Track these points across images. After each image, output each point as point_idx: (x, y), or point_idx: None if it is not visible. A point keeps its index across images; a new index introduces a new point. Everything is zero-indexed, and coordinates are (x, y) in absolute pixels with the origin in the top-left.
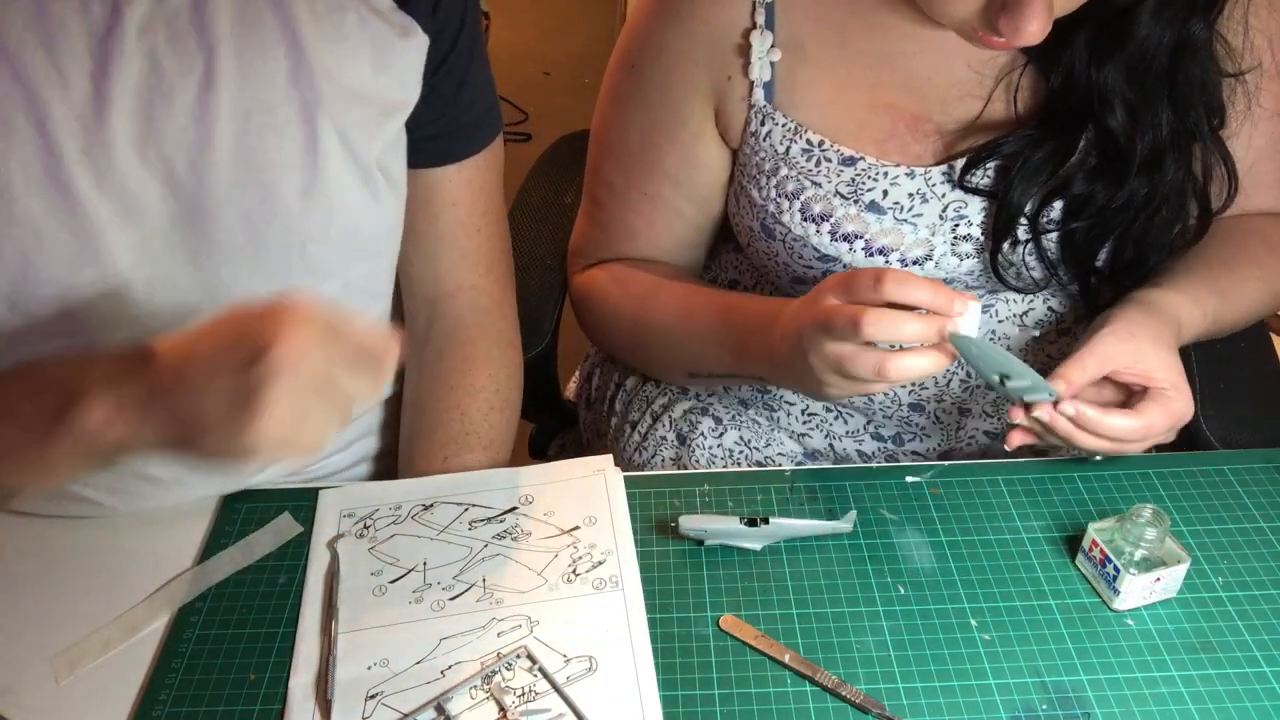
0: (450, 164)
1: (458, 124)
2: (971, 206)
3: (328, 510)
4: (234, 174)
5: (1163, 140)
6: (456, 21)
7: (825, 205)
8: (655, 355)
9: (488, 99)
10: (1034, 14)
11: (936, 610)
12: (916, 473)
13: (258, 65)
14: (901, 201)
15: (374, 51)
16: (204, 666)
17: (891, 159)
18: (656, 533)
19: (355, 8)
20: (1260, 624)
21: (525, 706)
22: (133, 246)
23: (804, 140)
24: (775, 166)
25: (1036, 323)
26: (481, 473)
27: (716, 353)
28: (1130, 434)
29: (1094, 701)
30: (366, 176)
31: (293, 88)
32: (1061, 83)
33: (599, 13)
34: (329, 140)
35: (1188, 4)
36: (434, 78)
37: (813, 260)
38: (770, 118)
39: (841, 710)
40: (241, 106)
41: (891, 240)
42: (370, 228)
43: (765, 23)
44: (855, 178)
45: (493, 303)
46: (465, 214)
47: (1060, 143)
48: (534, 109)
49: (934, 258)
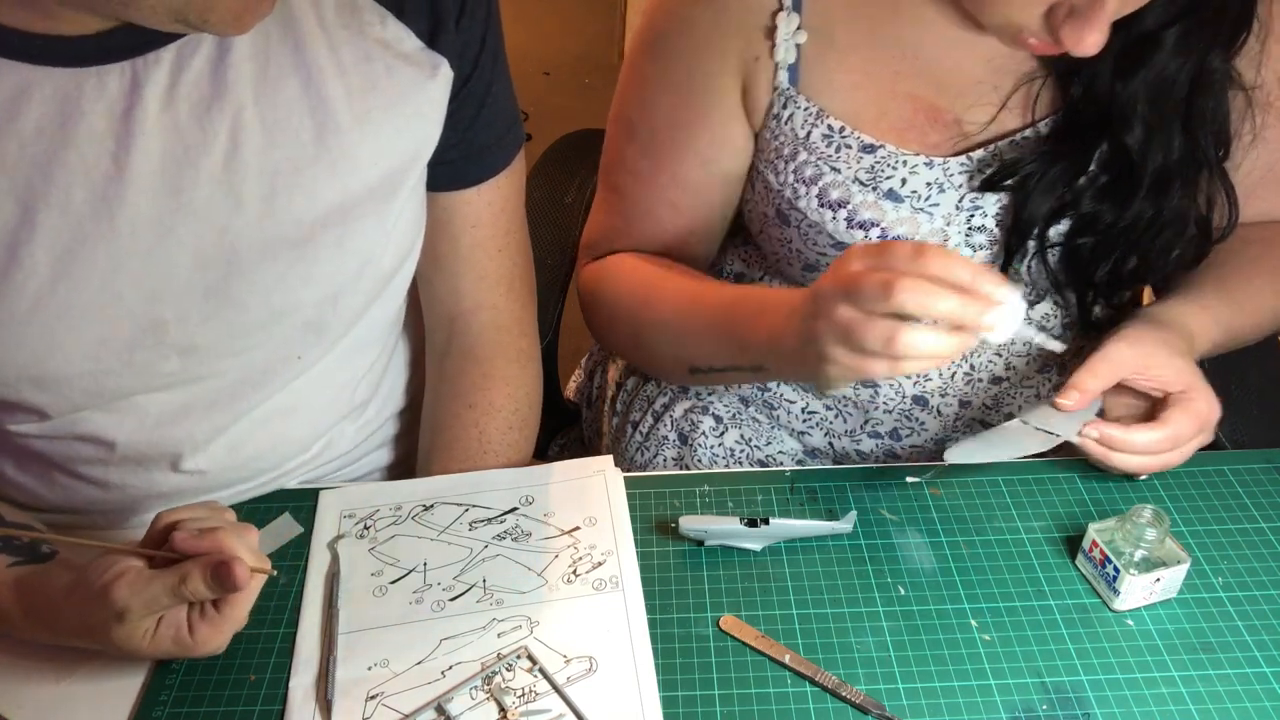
0: (470, 187)
1: (477, 146)
2: (987, 198)
3: (328, 511)
4: (265, 237)
5: (1172, 164)
6: (477, 43)
7: (843, 192)
8: (657, 348)
9: (508, 116)
10: (1099, 26)
11: (936, 610)
12: (916, 473)
13: (283, 127)
14: (919, 190)
15: (403, 100)
16: (204, 666)
17: (910, 148)
18: (656, 533)
19: (382, 56)
20: (1260, 624)
21: (525, 707)
22: (163, 324)
23: (825, 125)
24: (794, 151)
25: (1043, 315)
26: (482, 473)
27: (717, 343)
28: (1158, 444)
29: (1094, 702)
30: (395, 219)
31: (320, 148)
32: (1082, 94)
33: (599, 13)
34: (359, 195)
35: (1210, 35)
36: (453, 103)
37: (827, 247)
38: (793, 100)
39: (841, 710)
40: (269, 170)
41: (907, 229)
42: (392, 263)
43: (793, 4)
44: (875, 165)
45: (513, 320)
46: (486, 235)
47: (1074, 159)
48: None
49: (948, 248)
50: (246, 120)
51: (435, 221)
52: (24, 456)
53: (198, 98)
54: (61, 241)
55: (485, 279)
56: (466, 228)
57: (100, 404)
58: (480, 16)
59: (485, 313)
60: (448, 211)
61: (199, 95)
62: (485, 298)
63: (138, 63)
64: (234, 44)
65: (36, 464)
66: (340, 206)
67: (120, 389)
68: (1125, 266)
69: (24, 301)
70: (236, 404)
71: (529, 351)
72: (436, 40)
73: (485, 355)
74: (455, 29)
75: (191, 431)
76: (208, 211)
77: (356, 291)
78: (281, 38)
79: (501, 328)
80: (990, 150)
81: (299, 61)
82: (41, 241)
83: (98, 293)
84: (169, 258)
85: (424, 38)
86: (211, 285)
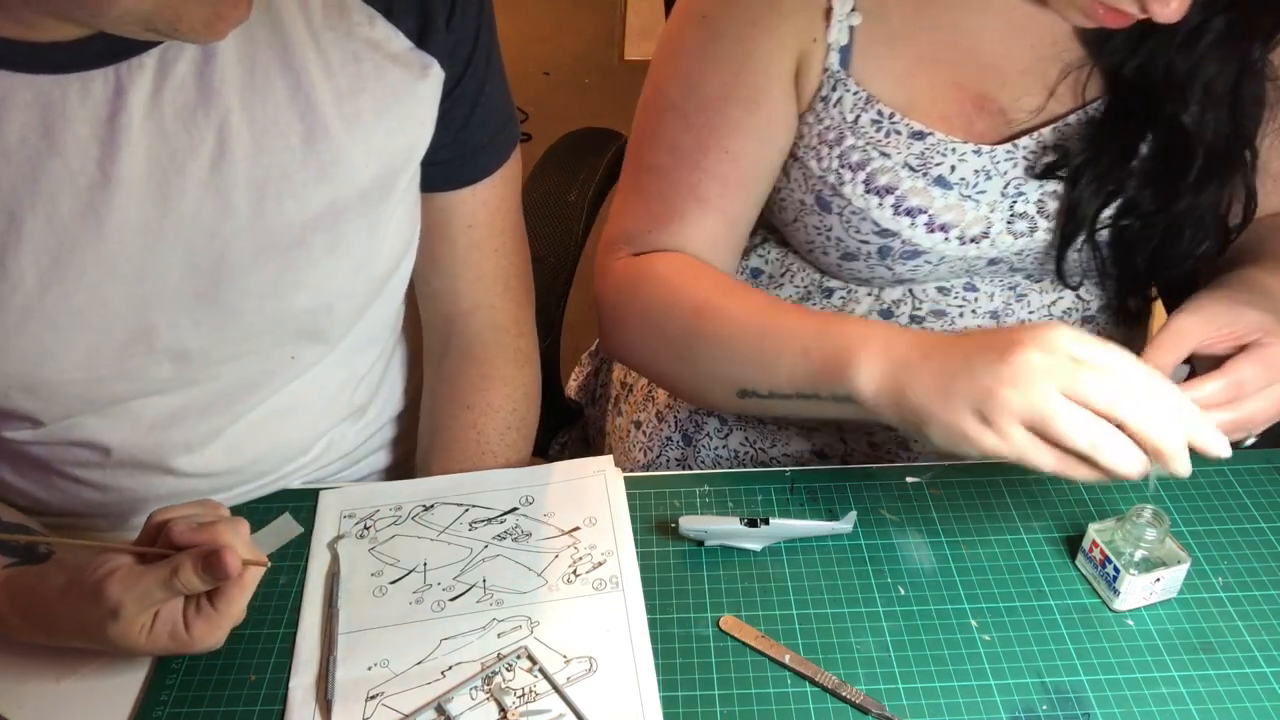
0: (465, 187)
1: (471, 146)
2: (1029, 185)
3: (328, 511)
4: (255, 243)
5: (1220, 147)
6: (470, 41)
7: (892, 177)
8: (707, 362)
9: (502, 115)
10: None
11: (936, 610)
12: (916, 473)
13: (271, 131)
14: (967, 178)
15: (393, 101)
16: (204, 666)
17: (957, 135)
18: (657, 533)
19: (370, 56)
20: (1260, 624)
21: (525, 707)
22: (154, 330)
23: (874, 110)
24: (840, 136)
25: (1065, 311)
26: (482, 474)
27: (795, 363)
28: (1216, 394)
29: (1094, 702)
30: (387, 221)
31: (309, 151)
32: (1135, 72)
33: (599, 13)
34: (349, 199)
35: (1252, 26)
36: (446, 102)
37: (870, 234)
38: (843, 84)
39: (841, 710)
40: (258, 174)
41: (953, 216)
42: (386, 266)
43: None
44: (924, 151)
45: (510, 320)
46: (483, 235)
47: (1125, 144)
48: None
49: (990, 235)
50: (234, 124)
51: (431, 222)
52: (22, 462)
53: (183, 102)
54: (49, 250)
55: (482, 279)
56: (463, 228)
57: (93, 410)
58: (472, 14)
59: (483, 313)
60: (444, 212)
61: (184, 100)
62: (483, 298)
63: (121, 68)
64: (219, 48)
65: (34, 469)
66: (331, 210)
67: (113, 395)
68: (1166, 252)
69: (12, 311)
70: (233, 407)
71: (527, 351)
72: (426, 40)
73: (483, 356)
74: (446, 28)
75: (188, 436)
76: (196, 217)
77: (350, 295)
78: (268, 40)
79: (499, 328)
80: (1035, 138)
81: (286, 64)
82: (28, 250)
83: (87, 300)
84: (158, 264)
85: (413, 38)
86: (202, 291)
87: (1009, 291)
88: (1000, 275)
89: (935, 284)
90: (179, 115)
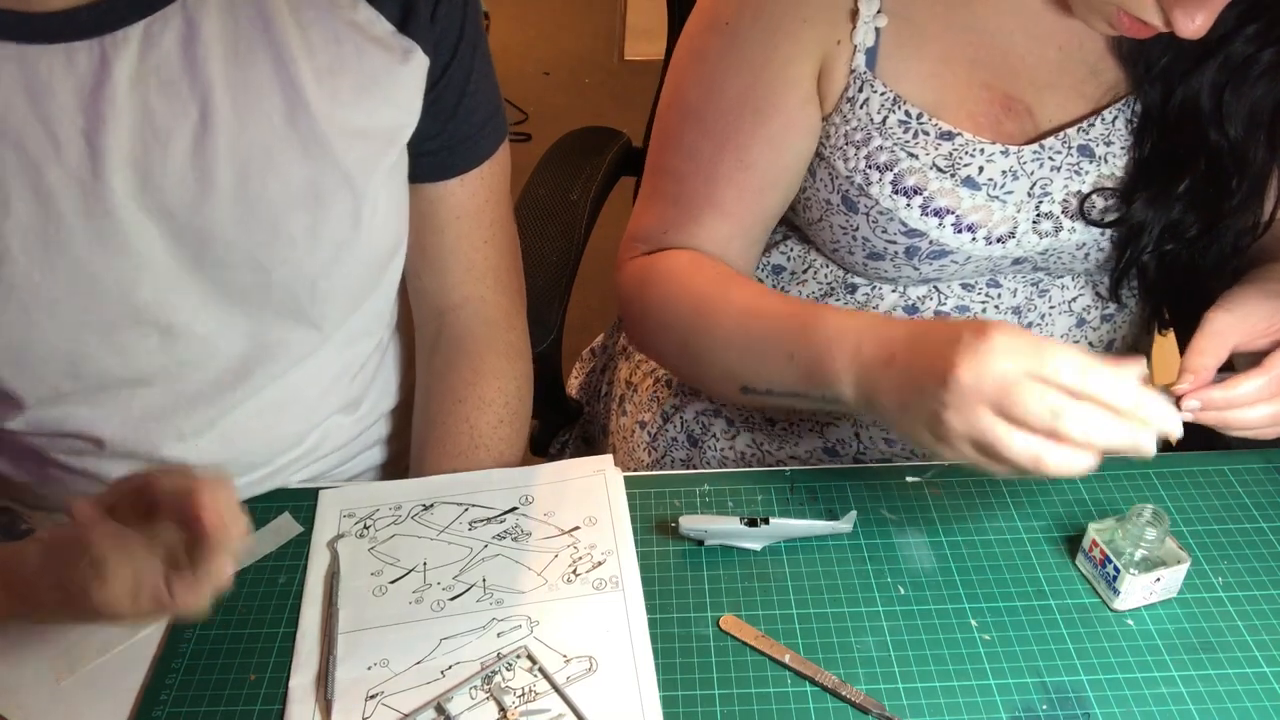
0: (453, 178)
1: (459, 136)
2: (1054, 186)
3: (328, 510)
4: (237, 218)
5: (1263, 175)
6: (455, 31)
7: (920, 178)
8: (707, 360)
9: (490, 106)
10: (1212, 7)
11: (936, 610)
12: (916, 473)
13: (254, 108)
14: (995, 179)
15: (374, 83)
16: (204, 666)
17: (985, 136)
18: (656, 533)
19: (351, 38)
20: (1260, 624)
21: (525, 707)
22: (141, 301)
23: (902, 111)
24: (867, 136)
25: (1084, 308)
26: (481, 473)
27: (784, 366)
28: (1259, 392)
29: (1094, 701)
30: (372, 207)
31: (290, 129)
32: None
33: (599, 13)
34: (331, 179)
35: None
36: (432, 92)
37: (897, 234)
38: (869, 85)
39: (841, 710)
40: (240, 150)
41: (981, 217)
42: (376, 255)
43: None
44: (953, 152)
45: (501, 314)
46: (471, 226)
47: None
48: (534, 109)
49: (1016, 235)
50: (217, 99)
51: (420, 214)
52: (18, 455)
53: (167, 76)
54: (35, 219)
55: (472, 271)
56: (451, 219)
57: (81, 391)
58: (459, 3)
59: (473, 306)
60: (432, 204)
61: (168, 74)
62: (472, 291)
63: (106, 40)
64: (203, 23)
65: (30, 460)
66: (312, 188)
67: (101, 374)
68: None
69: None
70: (223, 398)
71: (518, 345)
72: (408, 26)
73: (474, 350)
74: (431, 17)
75: (179, 426)
76: (179, 191)
77: (333, 277)
78: (252, 17)
79: (490, 321)
80: (1062, 138)
81: (269, 41)
82: (14, 219)
83: (72, 270)
84: (143, 235)
85: (395, 23)
86: (185, 262)
87: (1031, 288)
88: (1024, 272)
89: (959, 281)
90: (163, 88)
